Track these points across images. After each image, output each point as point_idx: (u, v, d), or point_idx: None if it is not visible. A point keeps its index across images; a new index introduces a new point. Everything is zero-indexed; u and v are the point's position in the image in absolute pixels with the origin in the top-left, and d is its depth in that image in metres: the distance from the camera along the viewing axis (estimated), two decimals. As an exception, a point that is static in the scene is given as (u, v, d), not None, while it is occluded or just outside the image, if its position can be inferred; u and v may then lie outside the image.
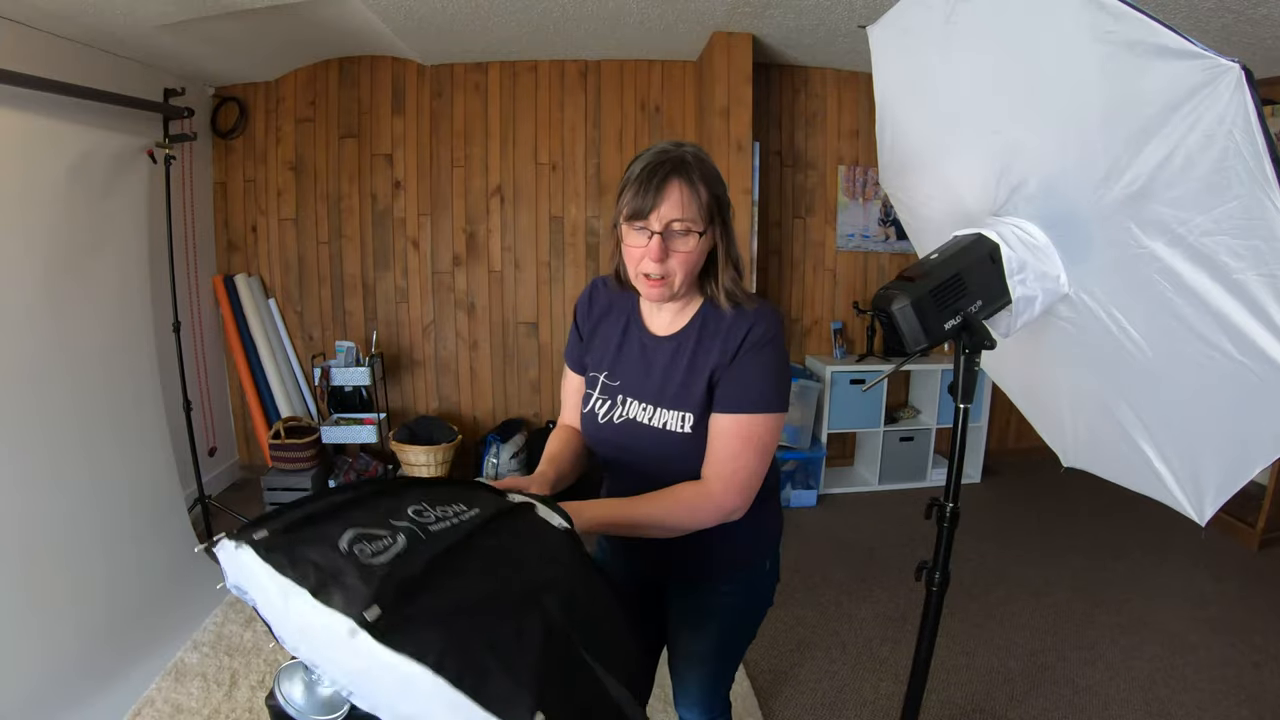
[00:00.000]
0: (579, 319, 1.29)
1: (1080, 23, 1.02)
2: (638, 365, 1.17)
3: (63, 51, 2.65)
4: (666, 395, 1.11)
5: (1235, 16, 2.60)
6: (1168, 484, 1.23)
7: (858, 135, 3.96)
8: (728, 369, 1.07)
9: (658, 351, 1.15)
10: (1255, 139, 0.86)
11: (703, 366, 1.09)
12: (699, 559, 1.21)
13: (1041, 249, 1.22)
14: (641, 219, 1.04)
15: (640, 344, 1.18)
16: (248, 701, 2.11)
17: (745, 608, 1.30)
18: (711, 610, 1.27)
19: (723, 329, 1.10)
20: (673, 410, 1.11)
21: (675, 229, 1.03)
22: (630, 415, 1.15)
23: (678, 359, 1.12)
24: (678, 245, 1.04)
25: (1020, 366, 1.58)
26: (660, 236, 1.03)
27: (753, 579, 1.29)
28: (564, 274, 3.92)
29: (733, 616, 1.29)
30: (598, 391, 1.20)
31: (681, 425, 1.10)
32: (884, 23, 1.54)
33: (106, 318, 2.59)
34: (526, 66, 3.75)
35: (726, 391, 1.07)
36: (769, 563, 1.31)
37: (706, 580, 1.26)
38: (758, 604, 1.33)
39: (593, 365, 1.23)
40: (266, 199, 3.82)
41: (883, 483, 3.92)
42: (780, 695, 2.22)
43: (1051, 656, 2.39)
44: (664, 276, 1.05)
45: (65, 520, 2.25)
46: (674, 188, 1.02)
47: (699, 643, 1.30)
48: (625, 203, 1.05)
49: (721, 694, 1.38)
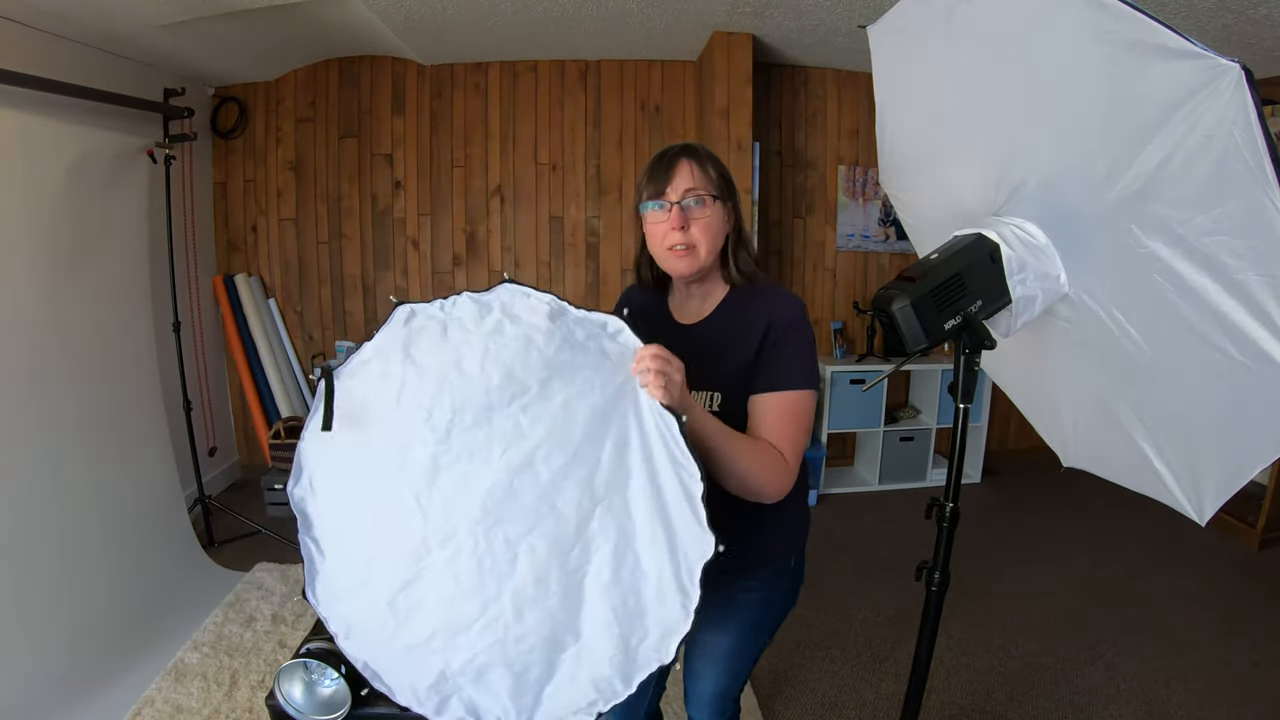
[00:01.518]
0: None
1: (1080, 23, 1.02)
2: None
3: (63, 51, 2.65)
4: (695, 377, 1.12)
5: (1235, 16, 2.60)
6: (1168, 484, 1.23)
7: (858, 135, 3.96)
8: (762, 352, 1.13)
9: (686, 339, 1.19)
10: (1255, 139, 0.86)
11: (731, 349, 1.15)
12: (728, 549, 1.22)
13: (1041, 249, 1.22)
14: (660, 194, 1.14)
15: (672, 335, 1.21)
16: (248, 701, 2.11)
17: (768, 604, 1.30)
18: (735, 604, 1.27)
19: (748, 314, 1.17)
20: (701, 392, 1.16)
21: (692, 199, 1.13)
22: None
23: (705, 344, 1.18)
24: (696, 214, 1.14)
25: (1020, 366, 1.58)
26: (679, 207, 1.13)
27: (779, 575, 1.29)
28: (564, 274, 3.92)
29: (756, 612, 1.29)
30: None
31: (710, 404, 1.16)
32: (884, 23, 1.54)
33: (106, 317, 2.59)
34: (526, 66, 3.75)
35: (766, 372, 1.13)
36: (794, 560, 1.30)
37: (733, 573, 1.25)
38: (781, 602, 1.32)
39: None
40: (266, 199, 3.82)
41: (883, 483, 3.92)
42: (780, 695, 2.22)
43: (1051, 656, 2.39)
44: (688, 245, 1.14)
45: (65, 520, 2.25)
46: (684, 164, 1.14)
47: (719, 637, 1.29)
48: (643, 188, 1.16)
49: (734, 695, 1.37)
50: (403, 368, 0.95)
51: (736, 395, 1.14)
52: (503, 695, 0.94)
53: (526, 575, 0.90)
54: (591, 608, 0.92)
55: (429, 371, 0.93)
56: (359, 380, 0.98)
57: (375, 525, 0.96)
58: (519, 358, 0.92)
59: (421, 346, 0.96)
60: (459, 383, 0.92)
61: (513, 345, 0.92)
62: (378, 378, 0.97)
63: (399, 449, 0.93)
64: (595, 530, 0.91)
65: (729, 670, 1.32)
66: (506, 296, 0.97)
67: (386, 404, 0.95)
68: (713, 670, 1.32)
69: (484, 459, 0.91)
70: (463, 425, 0.91)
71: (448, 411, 0.91)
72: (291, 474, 1.04)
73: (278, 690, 1.43)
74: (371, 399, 0.97)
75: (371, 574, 0.96)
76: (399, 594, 0.94)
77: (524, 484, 0.90)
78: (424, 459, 0.92)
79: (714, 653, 1.31)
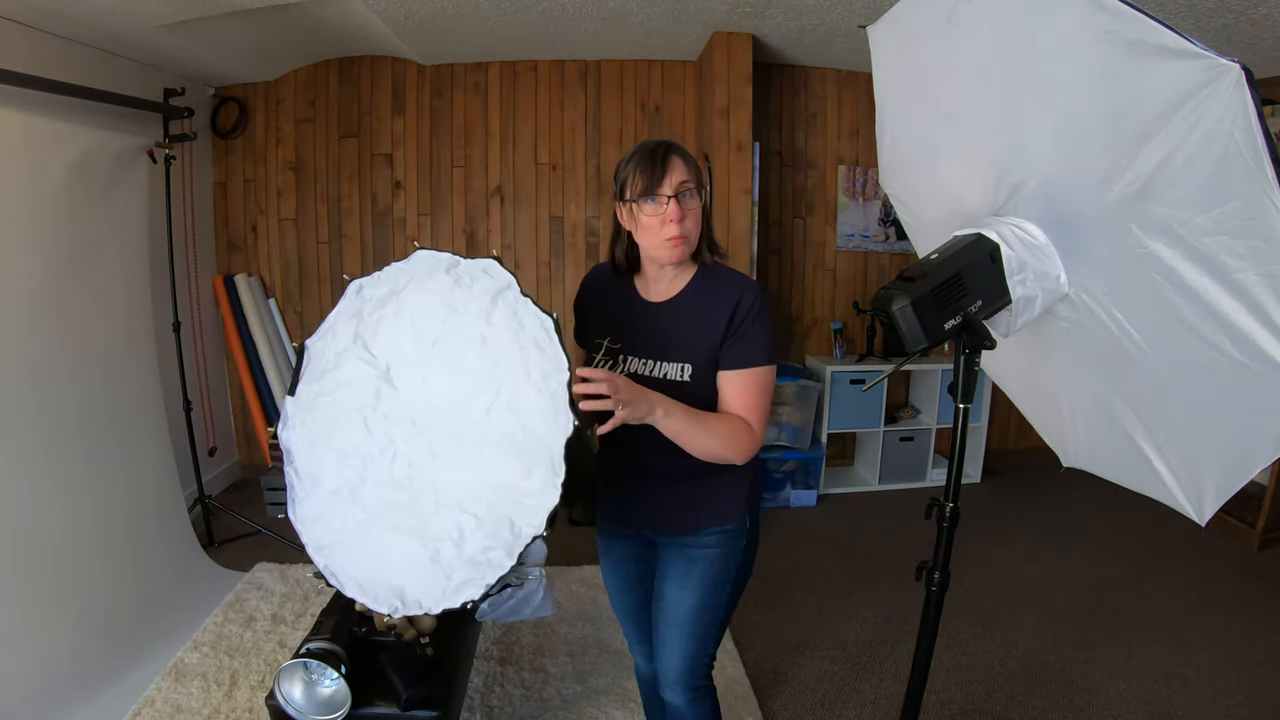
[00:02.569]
0: (580, 298, 1.48)
1: (1080, 23, 1.02)
2: (639, 328, 1.34)
3: (63, 51, 2.65)
4: (666, 350, 1.30)
5: (1235, 16, 2.60)
6: (1168, 484, 1.23)
7: (858, 135, 3.96)
8: (729, 333, 1.26)
9: (657, 316, 1.33)
10: (1255, 139, 0.86)
11: (701, 326, 1.28)
12: (686, 511, 1.38)
13: (1041, 249, 1.22)
14: (655, 190, 1.21)
15: (641, 312, 1.36)
16: (248, 701, 2.11)
17: (725, 562, 1.38)
18: (693, 560, 1.37)
19: (715, 296, 1.28)
20: (673, 363, 1.29)
21: (685, 192, 1.22)
22: (631, 370, 1.32)
23: (676, 319, 1.31)
24: (688, 205, 1.23)
25: (1020, 366, 1.58)
26: (675, 200, 1.21)
27: (736, 534, 1.39)
28: (564, 274, 3.92)
29: (716, 569, 1.37)
30: (600, 355, 1.36)
31: (681, 375, 1.28)
32: (884, 22, 1.54)
33: (106, 318, 2.59)
34: (526, 66, 3.75)
35: (733, 352, 1.26)
36: (749, 521, 1.40)
37: (691, 531, 1.38)
38: (740, 561, 1.40)
39: (597, 334, 1.38)
40: (266, 199, 3.82)
41: (883, 483, 3.92)
42: (780, 695, 2.22)
43: (1051, 656, 2.39)
44: (684, 235, 1.23)
45: (65, 520, 2.25)
46: (674, 160, 1.23)
47: (684, 595, 1.38)
48: (635, 185, 1.22)
49: (703, 667, 1.43)
50: (355, 324, 1.30)
51: (706, 368, 1.28)
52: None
53: (443, 474, 1.23)
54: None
55: (377, 327, 1.30)
56: (324, 341, 1.32)
57: (339, 447, 1.28)
58: (444, 322, 1.25)
59: (370, 316, 1.30)
60: (395, 333, 1.28)
61: (439, 311, 1.26)
62: (336, 336, 1.32)
63: (351, 385, 1.29)
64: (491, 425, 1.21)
65: (695, 633, 1.39)
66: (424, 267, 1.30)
67: (345, 354, 1.30)
68: (679, 635, 1.39)
69: (414, 389, 1.27)
70: (399, 366, 1.28)
71: (386, 356, 1.29)
72: (280, 421, 1.33)
73: (278, 690, 1.43)
74: (329, 352, 1.31)
75: (337, 484, 1.28)
76: (355, 490, 1.27)
77: (440, 407, 1.25)
78: (370, 391, 1.28)
79: (680, 615, 1.38)
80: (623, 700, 2.15)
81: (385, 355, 1.28)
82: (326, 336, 1.32)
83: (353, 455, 1.27)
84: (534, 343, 1.18)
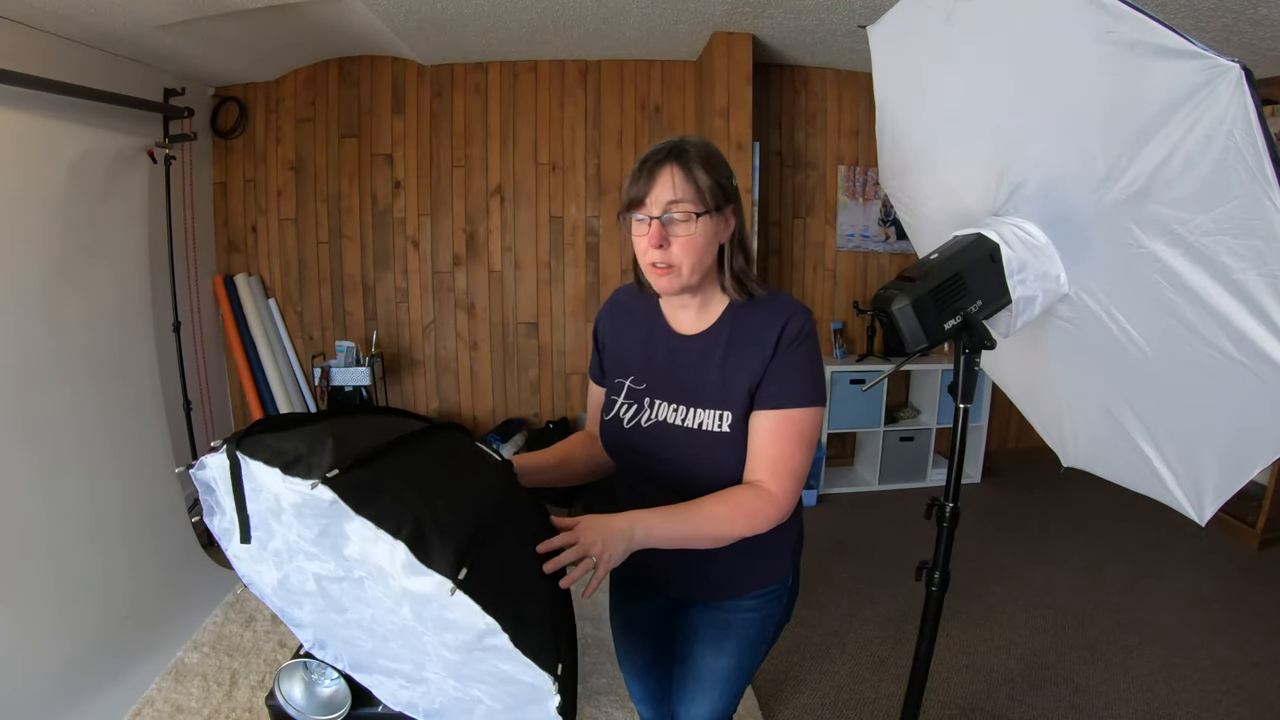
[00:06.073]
0: (598, 331, 1.26)
1: (1080, 23, 1.02)
2: (665, 366, 1.13)
3: (63, 51, 2.64)
4: (701, 394, 1.08)
5: (1235, 16, 2.60)
6: (1168, 484, 1.23)
7: (858, 135, 3.96)
8: (768, 367, 1.05)
9: (686, 351, 1.12)
10: (1255, 139, 0.86)
11: (741, 366, 1.06)
12: (726, 575, 1.17)
13: (1041, 249, 1.22)
14: (638, 205, 1.03)
15: (667, 345, 1.14)
16: (248, 701, 2.11)
17: (766, 623, 1.23)
18: (730, 625, 1.21)
19: (756, 326, 1.07)
20: (708, 410, 1.07)
21: (675, 214, 1.01)
22: (659, 417, 1.12)
23: (709, 358, 1.09)
24: (678, 230, 1.01)
25: (1020, 366, 1.58)
26: (659, 222, 1.01)
27: (778, 593, 1.23)
28: (564, 274, 3.92)
29: (755, 632, 1.22)
30: (623, 396, 1.16)
31: (719, 424, 1.06)
32: (884, 23, 1.55)
33: (106, 318, 2.59)
34: (526, 66, 3.74)
35: (769, 389, 1.04)
36: (792, 576, 1.25)
37: (732, 597, 1.20)
38: (779, 618, 1.26)
39: (617, 371, 1.19)
40: (266, 199, 3.81)
41: (883, 483, 3.92)
42: (780, 695, 2.22)
43: (1051, 656, 2.39)
44: (670, 265, 1.03)
45: (65, 520, 2.25)
46: (666, 173, 1.01)
47: (719, 660, 1.22)
48: (623, 194, 1.05)
49: (730, 713, 1.32)
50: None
51: (748, 416, 1.06)
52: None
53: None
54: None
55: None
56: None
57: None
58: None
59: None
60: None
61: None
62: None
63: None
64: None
65: (726, 694, 1.25)
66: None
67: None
68: (709, 695, 1.25)
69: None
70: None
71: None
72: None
73: (278, 690, 1.43)
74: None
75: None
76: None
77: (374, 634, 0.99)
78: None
79: (711, 677, 1.24)
80: (623, 700, 2.15)
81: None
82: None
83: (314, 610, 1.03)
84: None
